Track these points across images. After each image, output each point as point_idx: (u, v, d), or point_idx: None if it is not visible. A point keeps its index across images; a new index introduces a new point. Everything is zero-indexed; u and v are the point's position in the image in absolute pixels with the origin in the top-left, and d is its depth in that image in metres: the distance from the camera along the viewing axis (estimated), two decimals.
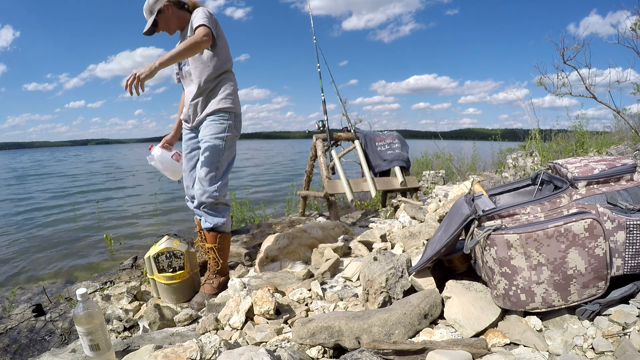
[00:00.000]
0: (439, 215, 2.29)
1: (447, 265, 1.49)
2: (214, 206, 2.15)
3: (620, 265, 1.08)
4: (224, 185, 2.18)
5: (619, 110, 3.96)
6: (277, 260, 2.47)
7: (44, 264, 3.51)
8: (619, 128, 6.78)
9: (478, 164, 6.94)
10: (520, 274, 1.04)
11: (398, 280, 1.37)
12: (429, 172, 6.02)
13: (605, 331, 0.97)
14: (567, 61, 4.05)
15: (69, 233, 4.81)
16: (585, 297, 1.03)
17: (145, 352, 1.26)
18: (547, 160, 3.68)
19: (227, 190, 2.22)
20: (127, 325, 1.98)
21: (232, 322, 1.62)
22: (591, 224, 0.99)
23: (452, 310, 1.15)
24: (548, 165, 1.41)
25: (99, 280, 2.66)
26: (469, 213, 1.17)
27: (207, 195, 2.11)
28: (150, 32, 2.19)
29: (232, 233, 3.67)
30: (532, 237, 1.01)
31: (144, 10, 2.16)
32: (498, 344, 1.02)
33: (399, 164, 4.08)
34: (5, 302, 2.36)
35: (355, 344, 1.13)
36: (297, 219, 4.04)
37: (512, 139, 6.90)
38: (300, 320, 1.24)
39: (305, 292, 1.80)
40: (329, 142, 3.87)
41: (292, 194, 5.36)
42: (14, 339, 1.83)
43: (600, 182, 1.15)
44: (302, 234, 2.66)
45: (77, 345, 1.54)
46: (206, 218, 2.16)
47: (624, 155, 4.67)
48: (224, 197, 2.19)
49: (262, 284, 2.07)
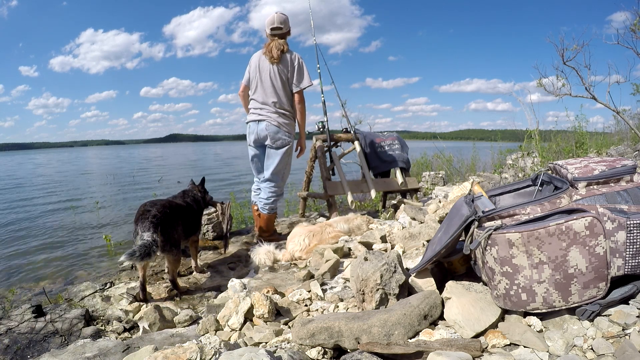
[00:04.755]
0: (439, 216, 2.29)
1: (447, 267, 1.49)
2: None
3: (621, 265, 1.08)
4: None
5: (618, 110, 3.96)
6: (302, 259, 2.62)
7: (44, 265, 3.50)
8: (619, 128, 6.79)
9: (478, 165, 6.94)
10: (521, 273, 1.04)
11: (392, 276, 1.38)
12: (429, 173, 6.02)
13: (605, 332, 0.97)
14: (566, 62, 4.05)
15: (68, 233, 4.80)
16: (585, 298, 1.03)
17: (145, 352, 1.26)
18: (546, 161, 3.69)
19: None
20: (127, 326, 1.98)
21: (231, 323, 1.62)
22: (591, 222, 0.99)
23: (452, 311, 1.15)
24: (548, 166, 1.41)
25: (99, 281, 2.66)
26: (469, 214, 1.17)
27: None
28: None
29: (232, 234, 3.68)
30: (534, 235, 1.01)
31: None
32: (498, 344, 1.02)
33: (399, 165, 4.08)
34: (5, 302, 2.36)
35: (355, 344, 1.13)
36: (297, 220, 4.04)
37: (512, 140, 6.91)
38: (300, 321, 1.24)
39: (305, 293, 1.80)
40: (328, 143, 3.87)
41: (291, 195, 5.36)
42: (14, 340, 1.83)
43: (600, 183, 1.15)
44: (326, 228, 2.81)
45: (77, 347, 1.54)
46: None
47: (624, 156, 4.67)
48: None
49: (262, 285, 2.07)
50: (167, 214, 2.27)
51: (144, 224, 2.13)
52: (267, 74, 3.01)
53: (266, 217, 3.19)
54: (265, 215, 3.18)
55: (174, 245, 2.29)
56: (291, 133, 3.10)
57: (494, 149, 7.00)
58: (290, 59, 3.00)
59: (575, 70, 4.02)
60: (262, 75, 3.03)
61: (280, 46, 2.98)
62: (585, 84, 3.99)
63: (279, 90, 3.01)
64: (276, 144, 3.03)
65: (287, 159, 3.13)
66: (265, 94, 3.03)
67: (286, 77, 3.02)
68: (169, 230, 2.25)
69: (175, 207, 2.43)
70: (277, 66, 2.99)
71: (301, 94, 3.07)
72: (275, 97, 3.02)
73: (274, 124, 2.99)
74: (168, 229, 2.24)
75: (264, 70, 3.02)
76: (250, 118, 3.10)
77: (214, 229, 3.48)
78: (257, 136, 3.06)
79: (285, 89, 3.03)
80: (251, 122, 3.09)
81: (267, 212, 3.17)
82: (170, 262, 2.32)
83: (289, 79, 3.02)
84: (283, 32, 3.05)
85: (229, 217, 3.07)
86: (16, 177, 14.45)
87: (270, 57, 2.98)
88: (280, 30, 3.04)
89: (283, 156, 3.06)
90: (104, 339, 1.65)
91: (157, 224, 2.15)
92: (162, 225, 2.19)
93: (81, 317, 2.01)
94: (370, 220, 3.05)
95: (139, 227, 2.14)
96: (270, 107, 3.02)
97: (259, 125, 3.04)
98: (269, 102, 3.02)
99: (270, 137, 3.01)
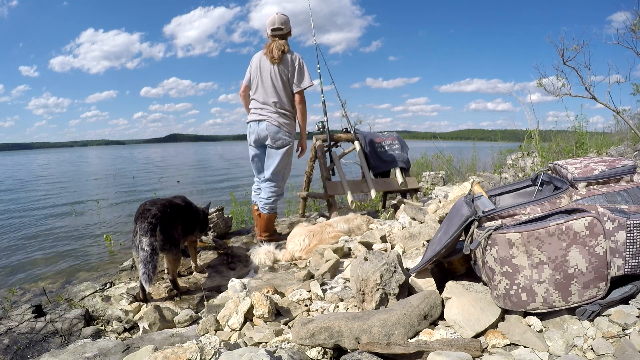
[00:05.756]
0: (439, 216, 2.29)
1: (447, 267, 1.49)
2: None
3: (621, 265, 1.08)
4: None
5: (618, 110, 3.96)
6: (302, 259, 2.63)
7: (44, 265, 3.50)
8: (619, 128, 6.78)
9: (478, 165, 6.94)
10: (521, 273, 1.04)
11: (392, 276, 1.38)
12: (429, 173, 6.02)
13: (605, 332, 0.97)
14: (566, 62, 4.05)
15: (69, 233, 4.80)
16: (585, 298, 1.03)
17: (145, 352, 1.26)
18: (546, 161, 3.68)
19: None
20: (127, 326, 1.98)
21: (231, 323, 1.62)
22: (592, 222, 0.99)
23: (452, 311, 1.15)
24: (548, 166, 1.41)
25: (99, 281, 2.66)
26: (469, 214, 1.17)
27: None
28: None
29: (232, 234, 3.68)
30: (534, 235, 1.01)
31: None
32: (498, 344, 1.02)
33: (398, 165, 4.08)
34: (5, 302, 2.36)
35: (355, 344, 1.13)
36: (297, 220, 4.03)
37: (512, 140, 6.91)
38: (300, 321, 1.24)
39: (305, 293, 1.80)
40: (328, 143, 3.87)
41: (292, 195, 5.36)
42: (14, 340, 1.83)
43: (600, 183, 1.15)
44: (326, 228, 2.82)
45: (77, 347, 1.54)
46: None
47: (624, 156, 4.67)
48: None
49: (262, 285, 2.07)
50: (167, 214, 2.27)
51: (142, 225, 2.13)
52: (268, 74, 3.01)
53: (266, 217, 3.19)
54: (266, 215, 3.18)
55: (174, 244, 2.29)
56: (291, 133, 3.10)
57: (494, 149, 7.00)
58: (291, 59, 3.00)
59: (575, 70, 4.02)
60: (263, 75, 3.03)
61: (281, 46, 2.98)
62: (585, 84, 3.99)
63: (280, 90, 3.02)
64: (276, 144, 3.04)
65: (288, 159, 3.14)
66: (266, 94, 3.03)
67: (287, 77, 3.02)
68: (169, 230, 2.25)
69: (175, 207, 2.44)
70: (277, 66, 2.99)
71: (302, 94, 3.08)
72: (276, 97, 3.02)
73: (274, 124, 3.00)
74: (168, 228, 2.24)
75: (265, 71, 3.03)
76: (251, 118, 3.11)
77: (214, 228, 3.48)
78: (258, 136, 3.07)
79: (285, 89, 3.04)
80: (252, 122, 3.10)
81: (267, 212, 3.17)
82: (170, 262, 2.32)
83: (290, 79, 3.03)
84: (284, 32, 3.06)
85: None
86: (16, 178, 14.45)
87: (271, 58, 2.98)
88: (281, 30, 3.04)
89: (283, 156, 3.07)
90: (104, 339, 1.65)
91: (156, 224, 2.14)
92: (162, 225, 2.19)
93: (81, 317, 2.01)
94: (370, 220, 3.05)
95: (138, 226, 2.14)
96: (270, 107, 3.03)
97: (259, 125, 3.04)
98: (269, 102, 3.02)
99: (270, 137, 3.02)
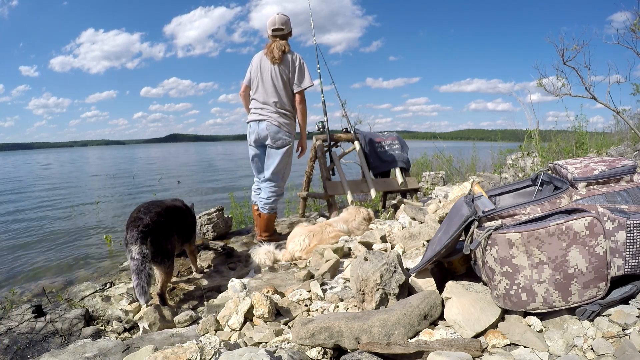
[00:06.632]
0: (439, 216, 2.29)
1: (447, 267, 1.49)
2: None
3: (621, 265, 1.08)
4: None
5: (618, 110, 3.96)
6: (302, 259, 2.63)
7: (44, 265, 3.50)
8: (619, 128, 6.78)
9: (478, 165, 6.93)
10: (521, 273, 1.04)
11: (392, 276, 1.38)
12: (429, 173, 6.02)
13: (605, 332, 0.97)
14: (566, 62, 4.05)
15: (69, 234, 4.80)
16: (585, 298, 1.03)
17: (145, 352, 1.26)
18: (546, 161, 3.68)
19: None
20: (127, 326, 1.98)
21: (231, 323, 1.62)
22: (591, 222, 0.99)
23: (452, 311, 1.15)
24: (548, 166, 1.41)
25: (99, 281, 2.66)
26: (469, 214, 1.17)
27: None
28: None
29: (232, 234, 3.69)
30: (534, 235, 1.01)
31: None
32: (498, 344, 1.02)
33: (398, 165, 4.08)
34: (5, 303, 2.36)
35: (355, 344, 1.13)
36: (297, 220, 4.03)
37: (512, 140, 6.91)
38: (300, 321, 1.24)
39: (305, 293, 1.79)
40: (328, 143, 3.87)
41: (292, 195, 5.36)
42: (14, 340, 1.83)
43: (600, 183, 1.15)
44: (326, 228, 2.82)
45: (77, 347, 1.54)
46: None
47: (624, 156, 4.67)
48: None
49: (262, 285, 2.07)
50: (160, 223, 2.11)
51: (132, 233, 1.99)
52: (269, 74, 3.02)
53: (266, 217, 3.19)
54: (266, 215, 3.18)
55: (166, 256, 2.13)
56: (292, 133, 3.10)
57: (494, 149, 7.00)
58: (291, 60, 3.01)
59: (575, 70, 4.02)
60: (264, 75, 3.04)
61: (282, 47, 2.99)
62: (585, 84, 3.99)
63: (280, 90, 3.02)
64: (277, 144, 3.04)
65: (288, 159, 3.14)
66: (267, 94, 3.04)
67: (287, 77, 3.03)
68: (161, 241, 2.09)
69: (172, 214, 2.28)
70: (278, 66, 3.00)
71: (302, 94, 3.08)
72: (276, 97, 3.03)
73: (274, 123, 3.00)
74: (160, 240, 2.08)
75: (265, 71, 3.03)
76: (251, 118, 3.11)
77: (214, 228, 3.48)
78: (258, 136, 3.07)
79: (286, 89, 3.04)
80: (252, 122, 3.10)
81: (267, 212, 3.17)
82: (161, 275, 2.14)
83: (290, 79, 3.03)
84: (284, 33, 3.06)
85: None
86: (16, 178, 14.45)
87: (272, 58, 2.99)
88: (282, 31, 3.05)
89: (283, 156, 3.07)
90: (104, 339, 1.65)
91: (147, 234, 1.99)
92: (154, 235, 2.03)
93: (81, 317, 2.01)
94: (371, 214, 3.06)
95: (129, 235, 2.00)
96: (271, 107, 3.03)
97: (259, 125, 3.04)
98: (269, 102, 3.03)
99: (270, 137, 3.02)
